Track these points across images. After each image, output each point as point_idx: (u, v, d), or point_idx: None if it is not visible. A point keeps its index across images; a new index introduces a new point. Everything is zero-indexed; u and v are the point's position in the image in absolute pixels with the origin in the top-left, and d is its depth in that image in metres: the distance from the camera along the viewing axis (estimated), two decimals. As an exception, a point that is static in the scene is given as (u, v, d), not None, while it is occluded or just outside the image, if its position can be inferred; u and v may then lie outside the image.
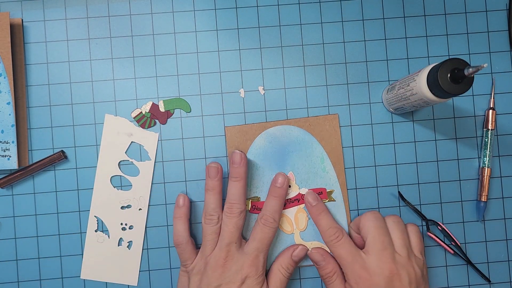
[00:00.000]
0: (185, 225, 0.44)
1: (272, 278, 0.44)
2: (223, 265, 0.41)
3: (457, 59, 0.35)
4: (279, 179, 0.45)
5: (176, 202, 0.45)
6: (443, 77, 0.36)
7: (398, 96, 0.43)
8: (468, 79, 0.35)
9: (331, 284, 0.43)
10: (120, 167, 0.47)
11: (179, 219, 0.44)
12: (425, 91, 0.38)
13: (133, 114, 0.47)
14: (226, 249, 0.42)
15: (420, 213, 0.47)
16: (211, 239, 0.43)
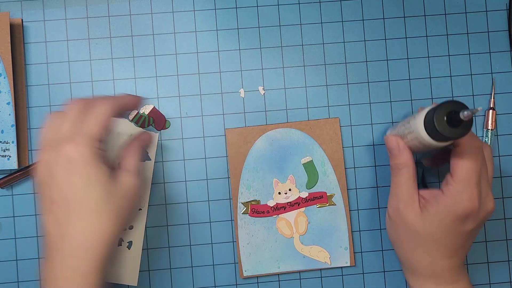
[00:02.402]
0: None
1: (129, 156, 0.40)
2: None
3: (454, 102, 0.34)
4: None
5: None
6: (439, 120, 0.34)
7: (399, 134, 0.41)
8: (466, 122, 0.34)
9: (397, 176, 0.40)
10: (120, 167, 0.47)
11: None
12: (423, 134, 0.36)
13: (130, 117, 0.47)
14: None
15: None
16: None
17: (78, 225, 0.35)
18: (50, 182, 0.35)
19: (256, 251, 0.46)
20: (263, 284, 0.47)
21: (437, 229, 0.37)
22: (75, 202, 0.35)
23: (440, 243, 0.38)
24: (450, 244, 0.38)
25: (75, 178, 0.34)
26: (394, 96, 0.48)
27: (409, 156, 0.40)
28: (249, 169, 0.47)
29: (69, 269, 0.35)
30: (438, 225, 0.37)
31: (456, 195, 0.36)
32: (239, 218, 0.46)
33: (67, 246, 0.35)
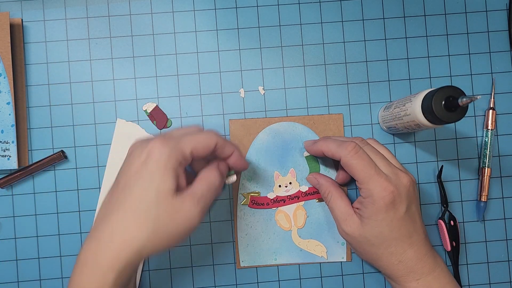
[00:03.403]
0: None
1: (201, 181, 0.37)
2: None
3: (453, 87, 0.35)
4: None
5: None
6: (437, 103, 0.36)
7: (393, 115, 0.43)
8: (462, 108, 0.35)
9: (329, 203, 0.43)
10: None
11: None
12: (419, 115, 0.38)
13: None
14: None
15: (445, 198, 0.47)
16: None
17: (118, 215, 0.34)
18: (125, 167, 0.36)
19: (253, 243, 0.46)
20: (263, 284, 0.47)
21: (380, 227, 0.39)
22: (130, 193, 0.34)
23: (392, 238, 0.40)
24: (400, 235, 0.40)
25: (143, 173, 0.34)
26: (394, 96, 0.48)
27: (329, 182, 0.44)
28: (251, 160, 0.47)
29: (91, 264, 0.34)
30: (379, 223, 0.39)
31: (371, 193, 0.39)
32: (238, 209, 0.47)
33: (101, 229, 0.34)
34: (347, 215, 0.42)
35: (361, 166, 0.39)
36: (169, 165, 0.34)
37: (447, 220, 0.46)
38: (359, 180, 0.40)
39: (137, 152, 0.35)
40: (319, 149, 0.43)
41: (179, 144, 0.35)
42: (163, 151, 0.34)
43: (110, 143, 0.47)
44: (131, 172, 0.35)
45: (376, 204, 0.39)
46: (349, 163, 0.40)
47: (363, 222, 0.40)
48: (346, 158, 0.40)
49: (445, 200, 0.47)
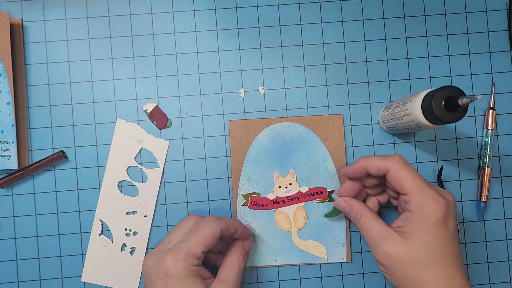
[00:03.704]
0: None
1: (228, 268, 0.40)
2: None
3: (453, 87, 0.35)
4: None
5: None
6: (437, 103, 0.35)
7: (393, 115, 0.43)
8: (462, 108, 0.35)
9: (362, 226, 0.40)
10: (128, 173, 0.47)
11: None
12: (419, 115, 0.38)
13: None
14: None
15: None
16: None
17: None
18: (149, 286, 0.39)
19: (253, 243, 0.46)
20: (263, 284, 0.47)
21: (431, 243, 0.36)
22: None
23: (442, 257, 0.36)
24: (449, 256, 0.37)
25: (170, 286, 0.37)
26: (394, 96, 0.48)
27: (360, 204, 0.42)
28: (250, 161, 0.47)
29: None
30: (427, 239, 0.36)
31: (422, 205, 0.37)
32: (238, 209, 0.47)
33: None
34: (387, 233, 0.38)
35: (411, 176, 0.37)
36: (189, 274, 0.37)
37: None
38: (409, 192, 0.37)
39: (153, 273, 0.38)
40: (361, 165, 0.40)
41: (189, 251, 0.38)
42: (177, 265, 0.37)
43: (110, 143, 0.47)
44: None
45: (427, 217, 0.36)
46: (398, 174, 0.38)
47: (409, 239, 0.37)
48: (395, 168, 0.38)
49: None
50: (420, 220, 0.36)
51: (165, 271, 0.37)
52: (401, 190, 0.38)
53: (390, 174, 0.38)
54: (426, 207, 0.36)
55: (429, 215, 0.36)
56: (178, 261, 0.37)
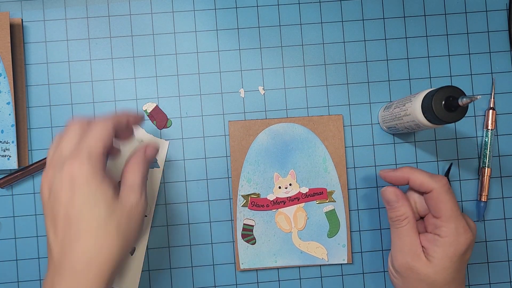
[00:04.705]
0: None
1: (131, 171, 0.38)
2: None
3: (453, 87, 0.35)
4: None
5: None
6: (437, 103, 0.36)
7: (393, 115, 0.43)
8: (462, 108, 0.35)
9: (400, 229, 0.40)
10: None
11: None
12: (419, 115, 0.38)
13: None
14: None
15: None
16: None
17: (81, 244, 0.33)
18: (53, 201, 0.35)
19: (253, 245, 0.46)
20: (263, 284, 0.47)
21: (449, 270, 0.38)
22: (78, 220, 0.34)
23: (454, 281, 0.38)
24: (459, 277, 0.39)
25: (77, 196, 0.33)
26: (394, 96, 0.48)
27: (410, 206, 0.40)
28: (250, 162, 0.47)
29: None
30: (449, 266, 0.37)
31: (454, 233, 0.37)
32: (238, 210, 0.46)
33: (69, 266, 0.33)
34: (418, 250, 0.39)
35: (451, 204, 0.38)
36: (98, 177, 0.34)
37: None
38: (445, 217, 0.38)
39: (56, 182, 0.34)
40: (404, 176, 0.40)
41: (92, 152, 0.34)
42: (82, 168, 0.34)
43: (110, 143, 0.47)
44: (64, 201, 0.34)
45: (454, 247, 0.37)
46: (441, 197, 0.38)
47: (433, 263, 0.38)
48: (440, 190, 0.38)
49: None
50: (446, 248, 0.37)
51: (69, 177, 0.33)
52: (437, 213, 0.38)
53: (433, 195, 0.38)
54: (456, 237, 0.37)
55: (456, 245, 0.37)
56: (82, 164, 0.33)
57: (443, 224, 0.38)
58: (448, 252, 0.37)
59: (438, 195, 0.38)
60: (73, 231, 0.34)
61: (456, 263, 0.38)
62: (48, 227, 0.35)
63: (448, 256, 0.37)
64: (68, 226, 0.34)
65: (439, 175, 0.39)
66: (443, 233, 0.38)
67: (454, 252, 0.37)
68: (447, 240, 0.37)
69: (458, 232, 0.37)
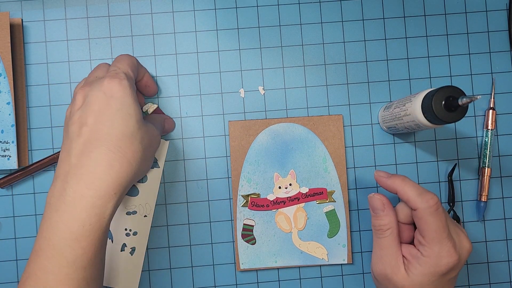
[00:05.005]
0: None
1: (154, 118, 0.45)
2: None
3: (453, 87, 0.35)
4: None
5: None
6: (437, 103, 0.35)
7: (393, 115, 0.43)
8: (462, 108, 0.35)
9: (382, 239, 0.39)
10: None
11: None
12: (419, 115, 0.38)
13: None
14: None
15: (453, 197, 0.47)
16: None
17: (104, 149, 0.35)
18: (85, 109, 0.36)
19: (253, 245, 0.46)
20: (263, 284, 0.47)
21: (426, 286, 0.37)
22: (106, 128, 0.35)
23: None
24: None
25: (112, 106, 0.35)
26: (394, 96, 0.48)
27: (394, 217, 0.39)
28: (250, 162, 0.47)
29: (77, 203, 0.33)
30: (427, 284, 0.37)
31: (435, 256, 0.36)
32: (238, 210, 0.46)
33: (89, 167, 0.34)
34: (398, 263, 0.38)
35: (436, 226, 0.36)
36: (133, 94, 0.37)
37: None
38: (427, 239, 0.36)
39: (95, 92, 0.36)
40: (393, 187, 0.39)
41: (127, 73, 0.38)
42: (123, 83, 0.36)
43: (110, 143, 0.47)
44: (99, 109, 0.36)
45: (435, 268, 0.36)
46: (425, 218, 0.36)
47: (410, 277, 0.37)
48: (425, 212, 0.36)
49: (453, 199, 0.46)
50: (427, 268, 0.36)
51: (108, 92, 0.36)
52: (421, 232, 0.37)
53: (417, 213, 0.37)
54: (437, 260, 0.36)
55: (435, 268, 0.36)
56: (122, 80, 0.36)
57: (426, 244, 0.37)
58: (427, 272, 0.36)
59: (423, 216, 0.36)
60: (99, 135, 0.35)
61: (434, 283, 0.37)
62: (72, 135, 0.36)
63: (427, 275, 0.37)
64: (95, 132, 0.35)
65: (431, 193, 0.37)
66: (425, 253, 0.37)
67: (433, 273, 0.36)
68: (427, 261, 0.36)
69: (440, 255, 0.36)
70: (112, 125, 0.35)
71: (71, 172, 0.35)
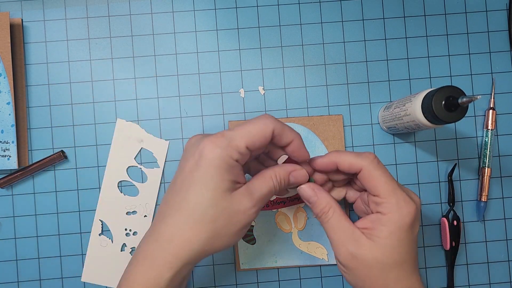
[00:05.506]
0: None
1: (260, 181, 0.36)
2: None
3: (453, 87, 0.35)
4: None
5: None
6: (437, 103, 0.35)
7: (393, 115, 0.43)
8: (462, 108, 0.35)
9: (329, 221, 0.37)
10: (128, 173, 0.47)
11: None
12: (419, 115, 0.38)
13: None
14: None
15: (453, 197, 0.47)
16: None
17: (173, 219, 0.34)
18: (181, 165, 0.36)
19: (253, 245, 0.46)
20: (263, 284, 0.47)
21: (398, 249, 0.35)
22: (186, 197, 0.34)
23: (403, 260, 0.36)
24: (410, 258, 0.36)
25: (197, 174, 0.34)
26: (394, 96, 0.48)
27: (329, 197, 0.38)
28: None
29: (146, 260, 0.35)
30: (397, 245, 0.35)
31: (395, 209, 0.35)
32: None
33: (156, 233, 0.35)
34: (356, 235, 0.36)
35: (385, 178, 0.36)
36: (223, 165, 0.33)
37: (451, 220, 0.46)
38: (381, 194, 0.36)
39: (191, 150, 0.35)
40: (332, 161, 0.38)
41: (232, 142, 0.34)
42: (214, 151, 0.33)
43: (110, 143, 0.47)
44: (186, 172, 0.34)
45: (399, 221, 0.35)
46: (372, 174, 0.36)
47: (378, 243, 0.35)
48: (369, 169, 0.36)
49: (453, 199, 0.46)
50: (391, 224, 0.35)
51: (200, 153, 0.34)
52: (373, 191, 0.36)
53: (363, 174, 0.37)
54: (399, 211, 0.35)
55: (401, 219, 0.35)
56: (217, 146, 0.33)
57: (383, 200, 0.36)
58: (393, 229, 0.35)
59: (370, 173, 0.36)
60: (175, 201, 0.35)
61: (404, 241, 0.35)
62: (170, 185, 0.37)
63: (394, 233, 0.35)
64: (176, 195, 0.35)
65: (366, 152, 0.38)
66: (385, 210, 0.36)
67: (399, 228, 0.35)
68: (390, 217, 0.35)
69: (399, 205, 0.35)
70: (188, 194, 0.34)
71: (150, 228, 0.36)
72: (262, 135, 0.34)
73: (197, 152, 0.34)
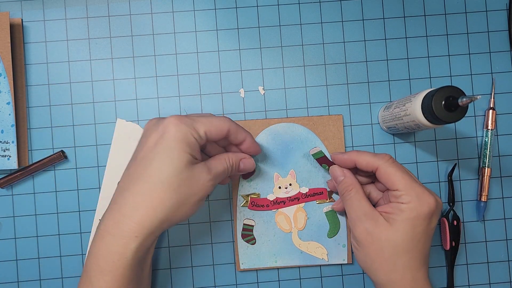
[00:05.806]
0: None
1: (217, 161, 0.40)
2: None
3: (453, 87, 0.35)
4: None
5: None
6: (437, 103, 0.36)
7: (393, 115, 0.43)
8: (462, 108, 0.35)
9: (350, 197, 0.40)
10: (121, 168, 0.47)
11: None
12: (419, 115, 0.38)
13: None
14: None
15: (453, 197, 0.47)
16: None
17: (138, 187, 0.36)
18: (142, 142, 0.38)
19: (253, 245, 0.46)
20: (263, 284, 0.47)
21: (410, 234, 0.37)
22: (149, 168, 0.36)
23: (418, 250, 0.38)
24: (422, 248, 0.38)
25: (160, 147, 0.36)
26: (394, 96, 0.48)
27: (355, 179, 0.42)
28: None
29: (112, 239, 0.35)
30: (410, 230, 0.37)
31: (415, 198, 0.37)
32: (238, 210, 0.46)
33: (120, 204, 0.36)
34: (374, 214, 0.39)
35: (401, 173, 0.38)
36: (185, 140, 0.36)
37: (451, 220, 0.46)
38: (400, 187, 0.38)
39: (153, 128, 0.37)
40: (351, 159, 0.42)
41: (194, 124, 0.37)
42: (180, 126, 0.36)
43: (110, 143, 0.47)
44: (148, 146, 0.37)
45: (418, 211, 0.37)
46: (387, 171, 0.39)
47: (395, 226, 0.37)
48: (384, 165, 0.39)
49: (453, 199, 0.47)
50: (410, 212, 0.37)
51: (164, 127, 0.36)
52: (392, 187, 0.39)
53: (380, 172, 0.40)
54: (419, 201, 0.37)
55: (419, 208, 0.37)
56: (181, 122, 0.36)
57: (402, 193, 0.38)
58: (411, 216, 0.37)
59: (385, 170, 0.39)
60: (138, 174, 0.36)
61: (418, 228, 0.37)
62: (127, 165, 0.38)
63: (411, 220, 0.37)
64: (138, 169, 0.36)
65: (383, 153, 0.41)
66: (405, 200, 0.38)
67: (417, 217, 0.37)
68: (410, 205, 0.37)
69: (419, 197, 0.37)
70: (151, 165, 0.36)
71: (110, 205, 0.37)
72: (220, 128, 0.38)
73: (160, 127, 0.37)
